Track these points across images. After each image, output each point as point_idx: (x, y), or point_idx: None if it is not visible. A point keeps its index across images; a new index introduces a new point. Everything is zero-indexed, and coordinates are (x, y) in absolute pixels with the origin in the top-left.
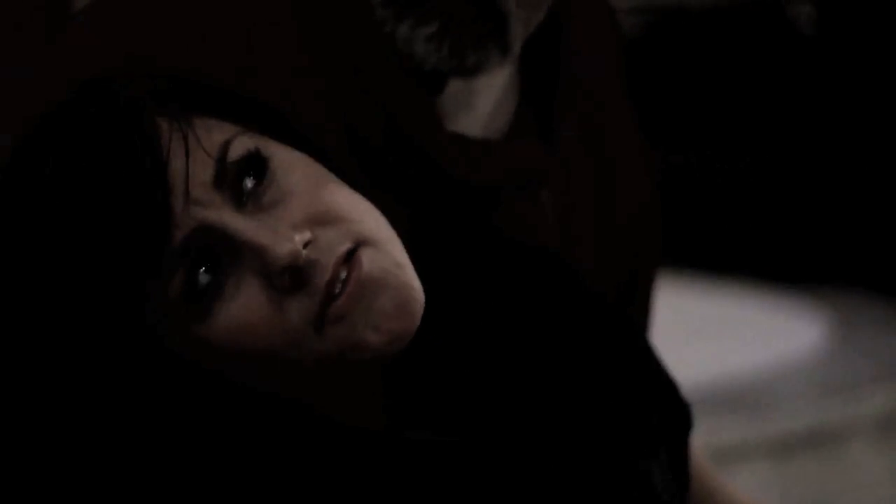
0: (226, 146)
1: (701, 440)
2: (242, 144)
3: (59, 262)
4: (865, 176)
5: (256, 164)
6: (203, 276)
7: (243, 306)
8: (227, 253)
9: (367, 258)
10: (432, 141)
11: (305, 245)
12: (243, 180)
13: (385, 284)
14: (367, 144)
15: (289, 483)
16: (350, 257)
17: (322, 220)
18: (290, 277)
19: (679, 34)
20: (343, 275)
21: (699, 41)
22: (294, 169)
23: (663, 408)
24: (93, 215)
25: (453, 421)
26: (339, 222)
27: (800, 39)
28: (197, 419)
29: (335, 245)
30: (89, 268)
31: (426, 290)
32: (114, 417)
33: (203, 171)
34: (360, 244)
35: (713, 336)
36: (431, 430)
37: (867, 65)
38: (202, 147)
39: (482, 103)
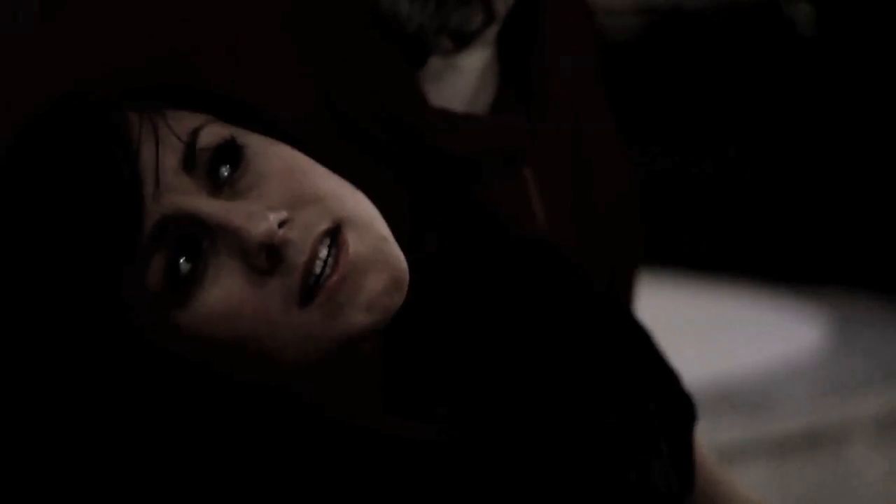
0: (196, 132)
1: (700, 440)
2: (215, 132)
3: (34, 256)
4: (865, 176)
5: (231, 152)
6: (184, 265)
7: (224, 290)
8: (204, 238)
9: (351, 238)
10: (414, 111)
11: (281, 224)
12: (219, 168)
13: (373, 261)
14: (355, 122)
15: (279, 478)
16: (332, 238)
17: (299, 202)
18: (267, 257)
19: (678, 34)
20: (323, 253)
21: (698, 41)
22: (270, 156)
23: (663, 399)
24: (65, 209)
25: (451, 410)
26: (315, 203)
27: (798, 39)
28: (182, 413)
29: (312, 225)
30: (63, 260)
31: (424, 272)
32: (96, 412)
33: (174, 157)
34: (340, 224)
35: (712, 336)
36: (429, 423)
37: (866, 65)
38: (173, 133)
39: (464, 82)
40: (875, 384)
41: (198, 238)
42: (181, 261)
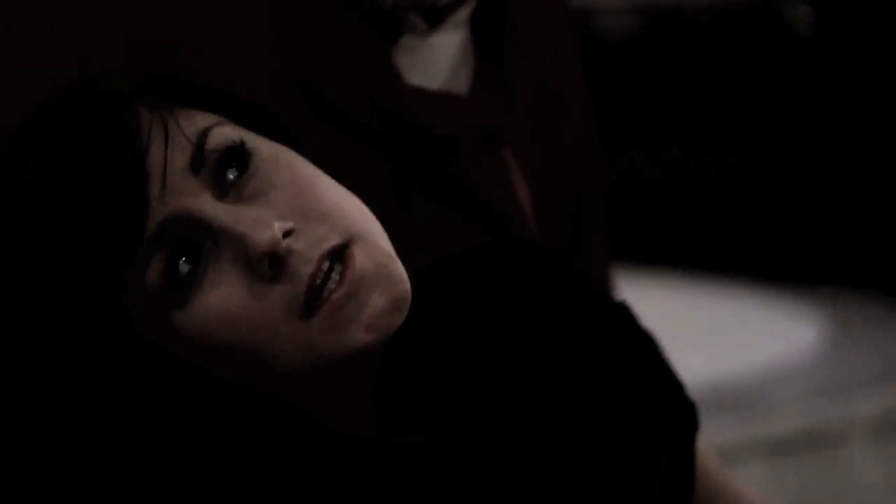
0: (206, 132)
1: (703, 445)
2: (225, 134)
3: (34, 250)
4: (862, 176)
5: (240, 156)
6: (183, 266)
7: (223, 295)
8: (206, 241)
9: (358, 254)
10: (390, 89)
11: (287, 234)
12: (226, 171)
13: (378, 279)
14: (330, 101)
15: (268, 483)
16: (338, 253)
17: (307, 214)
18: (270, 265)
19: (676, 34)
20: (325, 266)
21: (696, 41)
22: (279, 163)
23: (665, 407)
24: (68, 204)
25: (445, 421)
26: (324, 218)
27: (796, 40)
28: (175, 414)
29: (321, 239)
30: (63, 256)
31: (421, 284)
32: (91, 413)
33: (182, 157)
34: (348, 241)
35: (710, 337)
36: (423, 433)
37: (864, 66)
38: (182, 133)
39: (439, 63)
40: (873, 384)
41: (199, 240)
42: (181, 261)
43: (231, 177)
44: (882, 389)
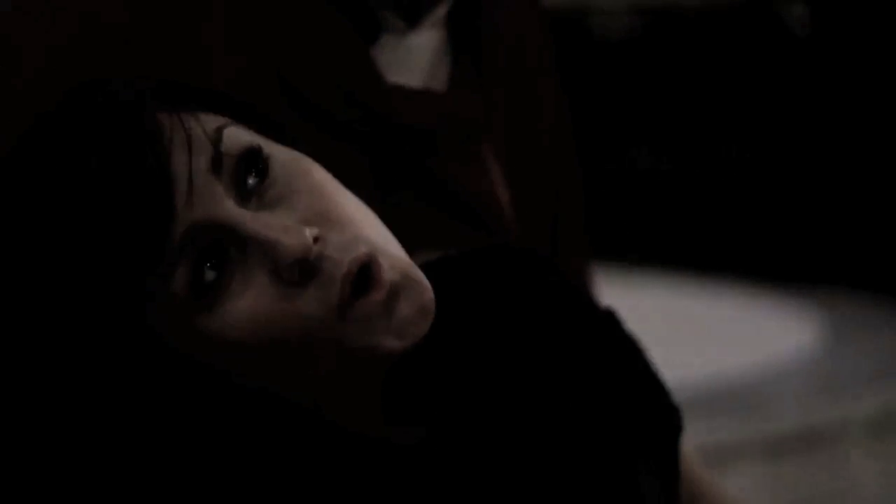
0: (220, 130)
1: (694, 441)
2: (240, 136)
3: (58, 259)
4: (859, 176)
5: (258, 162)
6: (209, 272)
7: (252, 300)
8: (232, 247)
9: (384, 263)
10: (370, 85)
11: (315, 240)
12: (246, 177)
13: (405, 288)
14: (307, 98)
15: (283, 487)
16: (367, 265)
17: (329, 219)
18: (299, 271)
19: (673, 34)
20: (355, 272)
21: (693, 41)
22: (296, 168)
23: (652, 412)
24: (92, 210)
25: (442, 419)
26: (345, 225)
27: (792, 39)
28: (195, 420)
29: (347, 246)
30: (89, 263)
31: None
32: (111, 418)
33: (203, 159)
34: (373, 251)
35: (707, 336)
36: (425, 430)
37: (860, 65)
38: (204, 131)
39: (418, 62)
40: (867, 385)
41: (224, 247)
42: (206, 268)
43: (251, 182)
44: (879, 389)
